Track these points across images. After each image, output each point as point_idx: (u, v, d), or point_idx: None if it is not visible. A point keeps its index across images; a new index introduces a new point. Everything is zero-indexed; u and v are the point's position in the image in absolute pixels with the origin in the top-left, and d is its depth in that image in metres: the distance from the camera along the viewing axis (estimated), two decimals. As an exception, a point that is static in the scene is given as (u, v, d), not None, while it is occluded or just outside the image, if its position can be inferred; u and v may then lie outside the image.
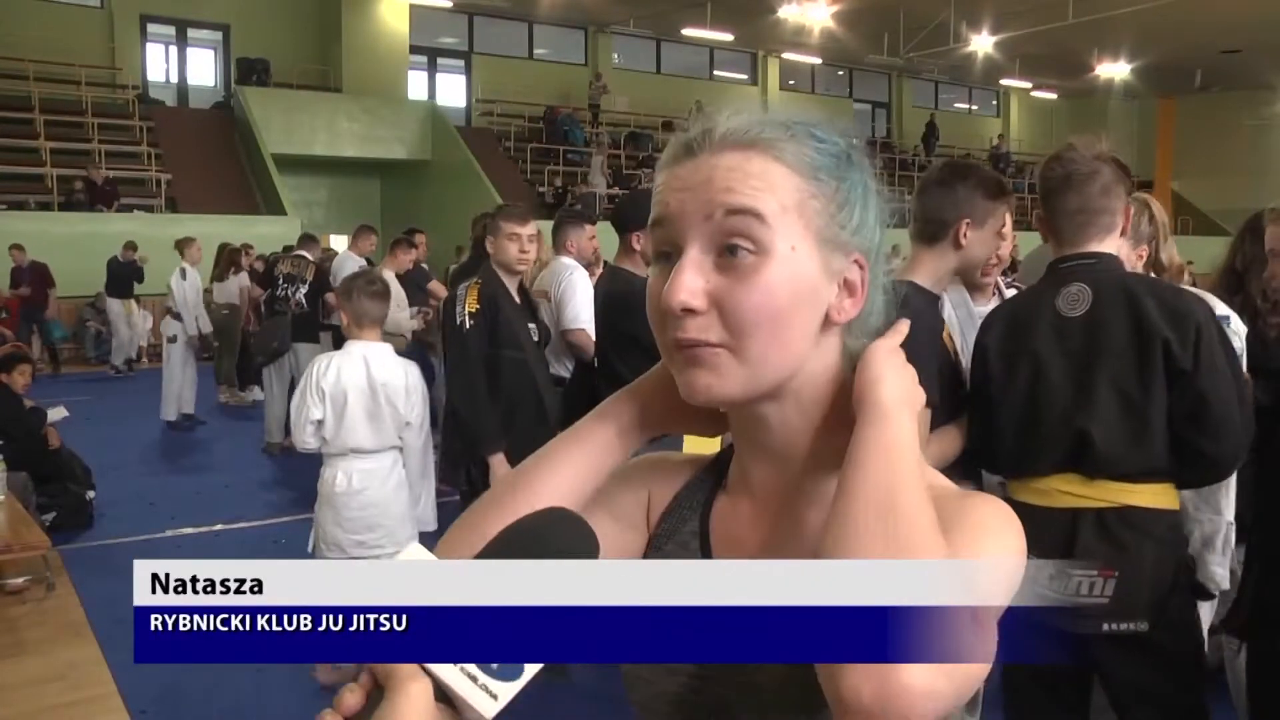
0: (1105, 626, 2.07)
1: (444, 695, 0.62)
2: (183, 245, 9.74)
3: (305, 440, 3.53)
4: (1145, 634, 2.07)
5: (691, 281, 0.75)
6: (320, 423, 3.47)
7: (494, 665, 0.61)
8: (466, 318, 3.60)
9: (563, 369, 4.40)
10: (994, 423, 2.21)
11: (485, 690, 0.61)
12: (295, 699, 3.76)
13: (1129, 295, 2.09)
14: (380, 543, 3.51)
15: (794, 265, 0.76)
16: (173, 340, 8.97)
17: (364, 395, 3.49)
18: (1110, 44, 21.78)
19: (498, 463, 3.53)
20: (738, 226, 0.74)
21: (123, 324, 12.94)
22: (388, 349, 3.67)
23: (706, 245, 0.76)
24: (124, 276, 12.76)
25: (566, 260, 4.61)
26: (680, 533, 0.88)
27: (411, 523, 3.69)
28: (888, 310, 0.85)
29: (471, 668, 0.61)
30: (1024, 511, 2.22)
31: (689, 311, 0.75)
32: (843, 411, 0.81)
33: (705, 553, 0.86)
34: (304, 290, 7.76)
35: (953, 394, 2.28)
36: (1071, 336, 2.13)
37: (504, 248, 3.75)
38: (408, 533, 3.58)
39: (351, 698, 0.62)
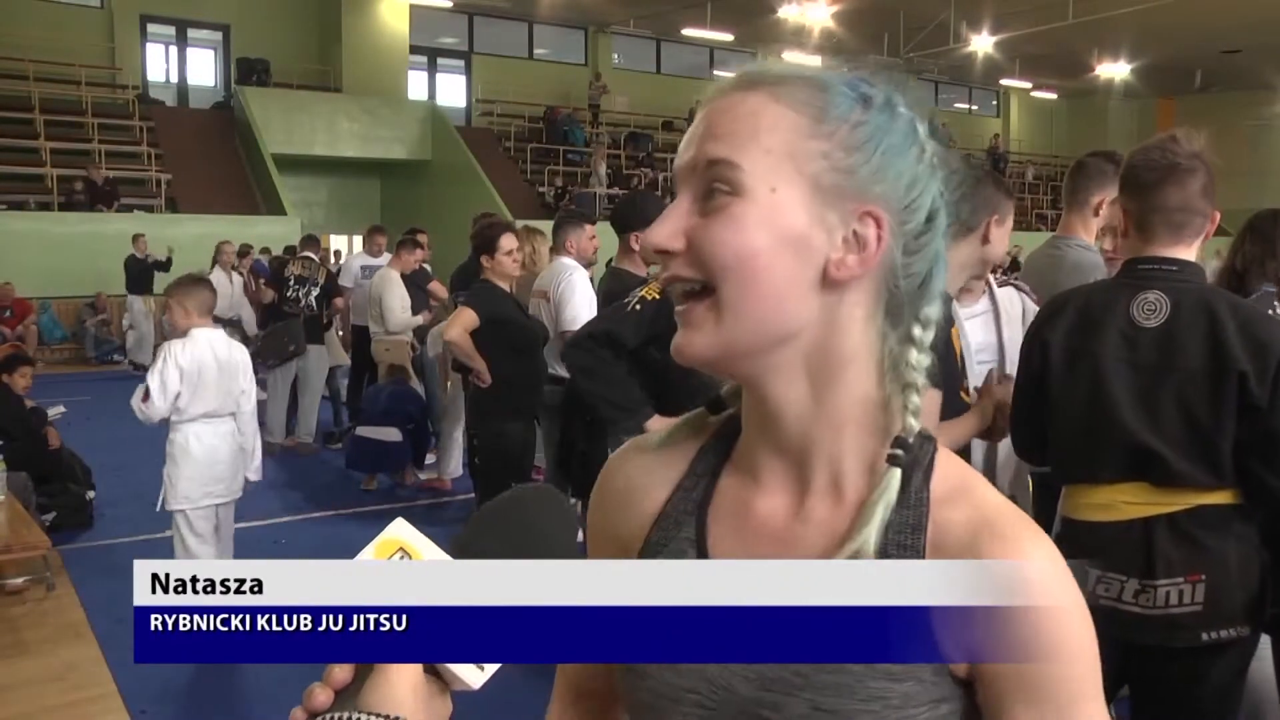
0: (1205, 636, 1.96)
1: (432, 667, 0.63)
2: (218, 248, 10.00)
3: (160, 411, 4.14)
4: (1246, 638, 1.99)
5: (671, 223, 0.74)
6: (178, 395, 4.11)
7: None
8: (636, 302, 2.98)
9: (563, 369, 4.41)
10: (1052, 422, 2.11)
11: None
12: (295, 699, 3.76)
13: (1210, 314, 1.97)
14: (222, 493, 4.22)
15: (772, 207, 0.71)
16: None
17: (213, 371, 4.13)
18: (1110, 44, 21.77)
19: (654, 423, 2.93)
20: (716, 173, 0.72)
21: (143, 321, 12.94)
22: (222, 334, 4.32)
23: (693, 193, 0.74)
24: (143, 271, 12.74)
25: (567, 260, 4.60)
26: (675, 539, 0.80)
27: (241, 475, 4.33)
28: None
29: None
30: (1089, 529, 2.07)
31: (667, 253, 0.74)
32: (872, 413, 0.76)
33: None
34: (315, 292, 7.79)
35: (951, 391, 2.26)
36: (1142, 348, 2.00)
37: None
38: (240, 483, 4.30)
39: (340, 672, 0.61)
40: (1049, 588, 0.68)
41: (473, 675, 0.62)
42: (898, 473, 0.73)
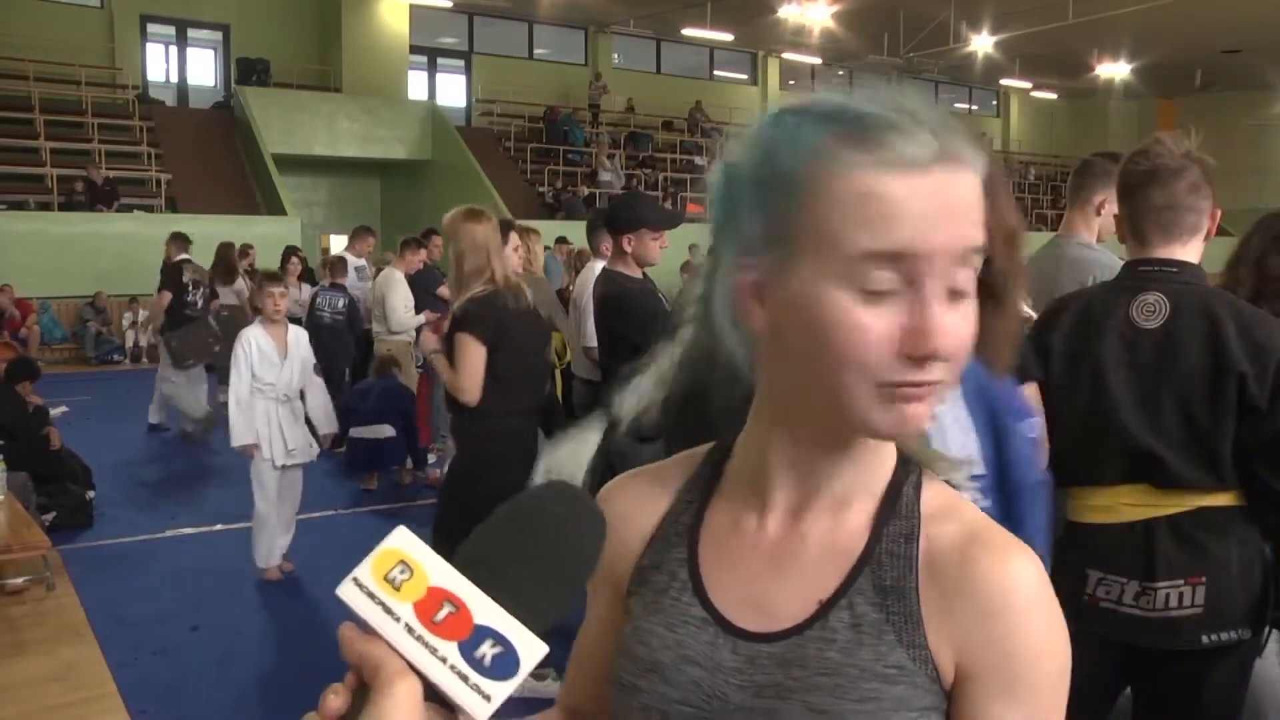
0: (1205, 639, 1.94)
1: (435, 695, 0.58)
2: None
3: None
4: (1247, 641, 1.98)
5: (963, 326, 0.68)
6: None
7: (486, 663, 0.58)
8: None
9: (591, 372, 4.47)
10: (1053, 424, 2.06)
11: (477, 690, 0.57)
12: (296, 700, 3.75)
13: (1209, 315, 1.96)
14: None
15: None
16: None
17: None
18: (1110, 44, 21.78)
19: None
20: (972, 265, 0.69)
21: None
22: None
23: (947, 281, 0.68)
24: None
25: (600, 265, 4.60)
26: (667, 560, 0.82)
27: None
28: None
29: (463, 666, 0.57)
30: (1090, 532, 2.07)
31: (936, 358, 0.67)
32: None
33: (695, 579, 0.81)
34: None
35: None
36: (1142, 350, 1.99)
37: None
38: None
39: (335, 700, 0.57)
40: (1034, 598, 0.72)
41: (479, 707, 0.57)
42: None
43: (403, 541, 0.60)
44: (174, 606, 4.64)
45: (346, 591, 0.59)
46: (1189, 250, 2.07)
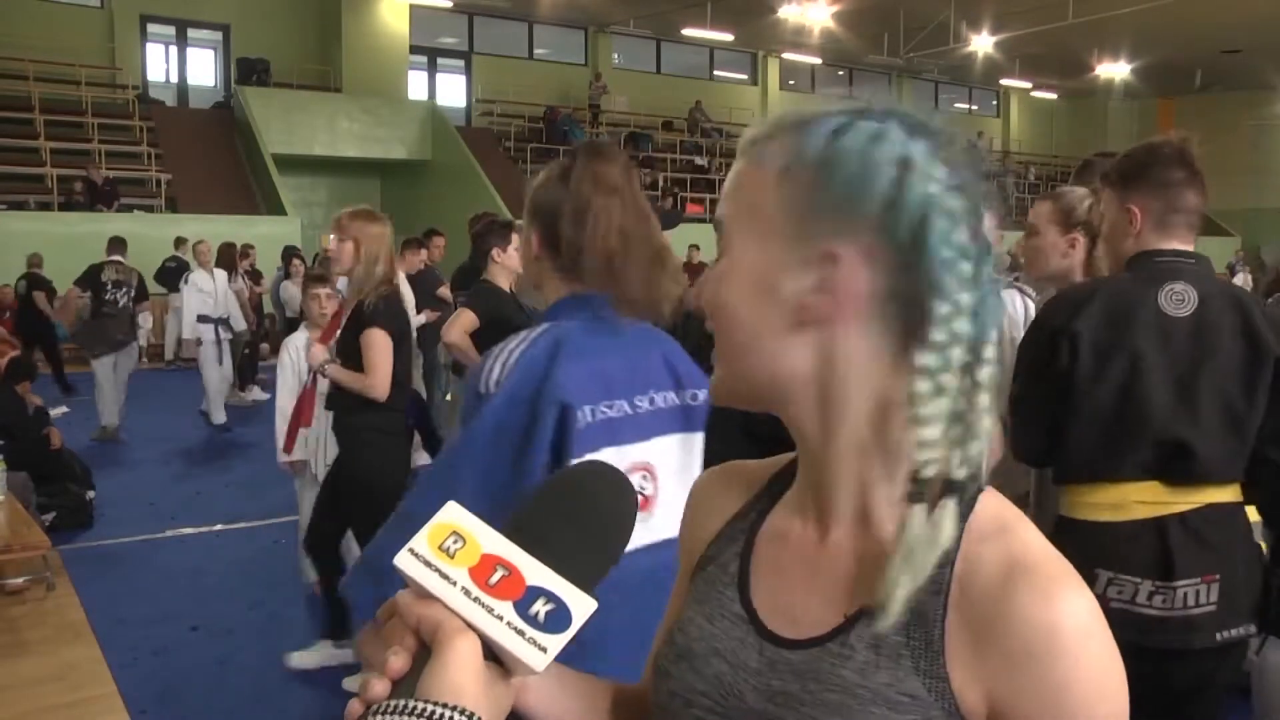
0: (1219, 635, 1.96)
1: (491, 655, 0.61)
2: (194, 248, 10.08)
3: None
4: (1251, 636, 2.00)
5: (702, 283, 0.81)
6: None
7: (541, 619, 0.61)
8: None
9: None
10: (1074, 418, 2.04)
11: (534, 644, 0.60)
12: (296, 699, 3.75)
13: (1238, 304, 2.01)
14: None
15: (741, 261, 0.76)
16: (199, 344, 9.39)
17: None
18: (1110, 44, 21.77)
19: None
20: (720, 233, 0.79)
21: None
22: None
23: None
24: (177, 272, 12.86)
25: None
26: (724, 554, 0.84)
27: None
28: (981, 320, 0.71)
29: (519, 622, 0.60)
30: (1096, 530, 2.07)
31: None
32: (893, 447, 0.73)
33: (742, 576, 0.81)
34: (132, 293, 8.79)
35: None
36: (1176, 337, 1.99)
37: None
38: None
39: (397, 660, 0.60)
40: (1081, 638, 0.67)
41: (535, 658, 0.60)
42: (918, 512, 0.70)
43: (455, 515, 0.63)
44: (174, 606, 4.64)
45: (403, 561, 0.62)
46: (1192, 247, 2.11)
